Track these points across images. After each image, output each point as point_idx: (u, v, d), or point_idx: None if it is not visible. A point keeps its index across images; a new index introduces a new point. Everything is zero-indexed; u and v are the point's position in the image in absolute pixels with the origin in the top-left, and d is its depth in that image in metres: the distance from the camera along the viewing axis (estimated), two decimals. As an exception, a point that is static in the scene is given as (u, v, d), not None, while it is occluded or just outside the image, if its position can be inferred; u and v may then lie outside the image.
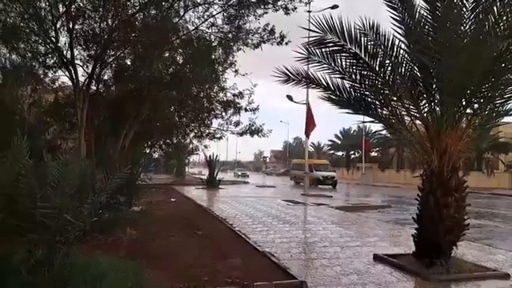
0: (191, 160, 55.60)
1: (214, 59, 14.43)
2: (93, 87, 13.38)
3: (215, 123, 19.65)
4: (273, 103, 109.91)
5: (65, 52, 12.14)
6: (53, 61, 12.79)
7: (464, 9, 5.57)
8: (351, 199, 20.79)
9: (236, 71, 15.67)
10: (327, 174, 33.97)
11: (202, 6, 12.72)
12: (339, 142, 64.16)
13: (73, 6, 11.35)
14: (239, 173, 61.07)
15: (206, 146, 24.20)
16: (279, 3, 12.10)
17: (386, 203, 19.07)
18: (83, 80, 12.71)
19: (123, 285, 3.89)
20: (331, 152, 70.56)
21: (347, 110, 6.75)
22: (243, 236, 8.31)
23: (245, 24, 12.88)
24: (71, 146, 14.22)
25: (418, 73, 6.10)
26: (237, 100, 17.89)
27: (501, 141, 36.26)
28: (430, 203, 5.85)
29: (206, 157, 27.46)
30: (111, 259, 4.62)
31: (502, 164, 39.89)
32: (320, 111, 73.87)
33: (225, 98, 18.00)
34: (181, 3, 12.40)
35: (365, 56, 6.03)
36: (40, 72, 13.42)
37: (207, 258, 6.29)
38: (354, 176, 50.56)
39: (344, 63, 6.22)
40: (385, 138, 44.84)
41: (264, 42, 13.16)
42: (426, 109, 6.13)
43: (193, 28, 13.26)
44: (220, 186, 25.34)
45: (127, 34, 11.97)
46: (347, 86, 6.44)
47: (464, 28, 5.67)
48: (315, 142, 70.95)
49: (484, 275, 5.59)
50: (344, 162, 61.92)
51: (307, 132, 21.80)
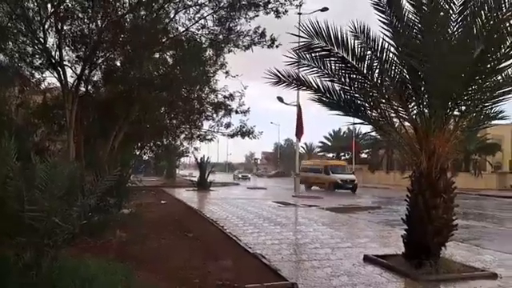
0: (182, 162, 54.99)
1: (205, 60, 14.39)
2: (82, 88, 13.24)
3: (206, 125, 19.58)
4: (264, 105, 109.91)
5: (53, 53, 12.00)
6: (41, 61, 12.62)
7: (451, 11, 5.65)
8: (342, 200, 20.87)
9: (227, 72, 15.66)
10: (347, 177, 30.21)
11: (193, 8, 12.68)
12: (329, 144, 64.48)
13: (61, 7, 11.23)
14: (239, 175, 57.26)
15: (197, 148, 24.08)
16: (270, 6, 12.13)
17: (376, 204, 19.21)
18: (72, 81, 12.58)
19: (113, 288, 3.86)
20: (322, 153, 70.86)
21: (337, 112, 6.80)
22: (234, 238, 8.30)
23: (236, 26, 12.87)
24: (60, 148, 14.04)
25: (407, 75, 6.17)
26: (228, 102, 17.87)
27: (488, 142, 36.83)
28: (419, 204, 5.92)
29: (197, 159, 27.39)
30: (100, 262, 4.59)
31: (490, 165, 40.48)
32: (311, 112, 74.26)
33: (216, 100, 17.96)
34: (171, 5, 12.36)
35: (352, 60, 6.08)
36: (28, 73, 13.23)
37: (198, 260, 6.26)
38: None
39: (333, 67, 6.27)
40: (374, 140, 45.20)
41: (255, 45, 13.17)
42: (415, 111, 6.20)
43: (183, 29, 13.22)
44: (211, 188, 25.27)
45: (117, 35, 11.88)
46: (337, 89, 6.49)
47: (451, 31, 5.75)
48: (307, 144, 71.28)
49: (472, 275, 5.66)
50: (334, 164, 62.08)
51: (298, 134, 21.87)
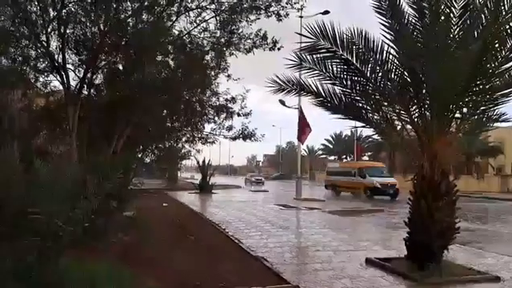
0: (184, 165, 54.81)
1: (207, 64, 14.44)
2: (84, 92, 13.29)
3: (208, 128, 19.63)
4: (266, 107, 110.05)
5: (56, 56, 12.07)
6: (44, 65, 12.68)
7: (451, 15, 5.67)
8: (343, 203, 20.83)
9: (229, 76, 15.69)
10: (387, 181, 24.93)
11: (195, 11, 12.74)
12: (331, 147, 64.50)
13: (64, 11, 11.30)
14: (252, 179, 48.61)
15: (199, 151, 24.13)
16: (271, 9, 12.18)
17: (378, 207, 19.16)
18: (75, 84, 12.64)
19: (115, 291, 3.86)
20: (323, 156, 70.83)
21: (339, 115, 6.80)
22: (236, 241, 8.30)
23: (237, 29, 12.92)
24: (62, 151, 14.08)
25: (408, 78, 6.18)
26: (229, 104, 17.91)
27: (490, 145, 36.73)
28: (422, 207, 5.91)
29: (199, 161, 27.41)
30: (103, 265, 4.59)
31: (492, 168, 40.35)
32: (312, 115, 74.31)
33: (217, 103, 18.02)
34: (173, 8, 12.41)
35: (356, 62, 6.10)
36: (31, 76, 13.29)
37: (200, 263, 6.26)
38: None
39: (335, 69, 6.28)
40: (377, 143, 45.11)
41: (256, 48, 13.21)
42: (417, 114, 6.20)
43: (185, 33, 13.27)
44: (213, 191, 25.26)
45: (119, 39, 11.94)
46: (338, 92, 6.49)
47: (452, 34, 5.76)
48: (308, 146, 71.30)
49: (475, 278, 5.65)
50: (336, 167, 62.04)
51: (300, 137, 21.86)
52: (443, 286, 5.45)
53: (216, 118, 18.60)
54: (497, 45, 5.48)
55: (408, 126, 6.42)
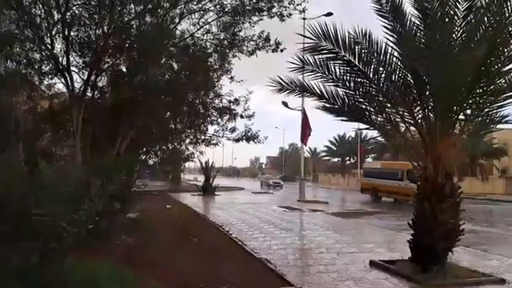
0: (187, 166, 54.73)
1: (210, 66, 14.48)
2: (88, 94, 13.36)
3: (211, 129, 19.67)
4: (269, 109, 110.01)
5: (60, 59, 12.14)
6: (48, 68, 12.77)
7: (455, 17, 5.66)
8: (347, 205, 20.82)
9: (232, 78, 15.73)
10: None
11: (197, 13, 12.79)
12: (335, 149, 64.34)
13: (68, 13, 11.37)
14: (270, 182, 42.95)
15: (202, 153, 24.17)
16: (274, 10, 12.21)
17: (382, 209, 19.10)
18: (79, 87, 12.70)
19: (119, 292, 3.87)
20: (327, 158, 70.70)
21: (342, 118, 6.79)
22: (240, 243, 8.29)
23: (240, 31, 12.96)
24: (66, 153, 14.14)
25: (411, 80, 6.17)
26: (232, 106, 17.95)
27: (494, 146, 36.55)
28: (426, 209, 5.88)
29: (202, 163, 27.42)
30: (106, 266, 4.60)
31: (496, 169, 40.14)
32: (316, 117, 73.99)
33: (220, 105, 18.05)
34: (176, 10, 12.47)
35: (359, 63, 6.09)
36: (35, 79, 13.38)
37: (203, 265, 6.27)
38: (350, 182, 50.61)
39: (338, 71, 6.28)
40: (380, 145, 44.96)
41: (259, 49, 13.24)
42: (420, 115, 6.18)
43: (188, 35, 13.32)
44: (216, 193, 25.28)
45: (123, 41, 11.99)
46: (341, 94, 6.48)
47: (455, 36, 5.75)
48: (311, 148, 71.13)
49: (479, 280, 5.62)
50: (339, 169, 62.04)
51: (303, 139, 21.85)
52: (447, 289, 5.43)
53: (219, 120, 18.67)
54: (500, 46, 5.46)
55: (412, 128, 6.40)
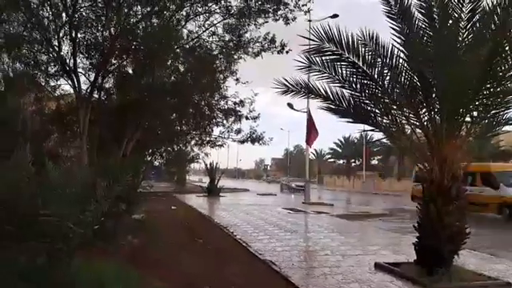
0: (192, 168, 54.75)
1: (215, 67, 14.54)
2: (95, 95, 13.47)
3: (216, 131, 19.74)
4: (274, 111, 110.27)
5: (67, 60, 12.26)
6: (55, 69, 12.91)
7: (460, 19, 5.64)
8: (352, 207, 20.76)
9: (237, 79, 15.79)
10: None
11: (203, 16, 12.86)
12: (340, 150, 64.19)
13: (75, 15, 11.48)
14: (292, 185, 37.74)
15: (207, 154, 24.29)
16: (279, 13, 12.24)
17: (387, 211, 19.02)
18: (85, 88, 12.81)
19: (124, 293, 3.90)
20: (332, 160, 70.55)
21: (347, 119, 6.78)
22: (244, 244, 8.30)
23: (245, 33, 13.01)
24: (73, 154, 14.25)
25: (418, 82, 6.14)
26: (238, 108, 18.00)
27: (501, 149, 36.27)
28: (431, 211, 5.85)
29: (207, 165, 27.51)
30: (112, 267, 4.63)
31: (504, 172, 39.74)
32: (321, 118, 73.78)
33: (226, 106, 18.11)
34: (182, 12, 12.54)
35: (363, 65, 6.08)
36: (42, 80, 13.52)
37: (208, 266, 6.28)
38: (355, 184, 50.50)
39: (344, 72, 6.27)
40: (386, 147, 44.81)
41: (264, 51, 13.29)
42: (426, 117, 6.15)
43: (194, 37, 13.39)
44: (221, 194, 25.33)
45: (129, 43, 12.09)
46: (347, 95, 6.47)
47: (461, 37, 5.73)
48: (317, 150, 71.04)
49: (485, 284, 5.57)
50: (345, 171, 61.90)
51: (308, 141, 21.81)
52: (453, 292, 5.39)
53: (224, 122, 18.75)
54: (507, 47, 5.43)
55: (417, 130, 6.38)
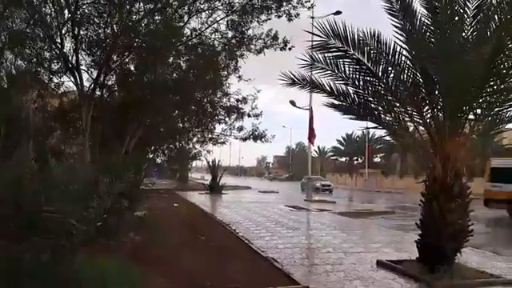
0: (194, 165, 54.76)
1: (218, 64, 14.52)
2: (97, 92, 13.47)
3: (218, 128, 19.73)
4: (276, 108, 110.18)
5: (70, 57, 12.26)
6: (58, 66, 12.92)
7: (465, 15, 5.61)
8: (354, 205, 20.76)
9: (240, 77, 15.75)
10: None
11: (206, 12, 12.83)
12: (342, 148, 64.10)
13: (78, 12, 11.48)
14: (317, 184, 31.30)
15: (209, 151, 24.29)
16: (282, 9, 12.19)
17: (390, 209, 18.99)
18: (88, 85, 12.82)
19: (127, 289, 3.91)
20: (334, 158, 70.47)
21: (350, 116, 6.77)
22: (246, 241, 8.31)
23: (248, 30, 12.97)
24: (76, 151, 14.29)
25: (421, 79, 6.12)
26: (240, 105, 17.99)
27: (505, 147, 36.13)
28: (434, 209, 5.84)
29: (209, 162, 27.52)
30: (114, 264, 4.64)
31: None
32: (324, 116, 73.85)
33: (228, 104, 18.09)
34: (185, 9, 12.51)
35: (368, 62, 6.06)
36: (45, 77, 13.53)
37: (210, 263, 6.29)
38: (358, 182, 50.44)
39: (347, 69, 6.25)
40: (388, 144, 44.70)
41: (267, 48, 13.24)
42: (429, 115, 6.14)
43: (197, 34, 13.36)
44: (223, 192, 25.36)
45: (132, 40, 12.08)
46: (351, 92, 6.46)
47: (465, 34, 5.70)
48: (319, 147, 70.93)
49: (487, 281, 5.56)
50: (347, 168, 61.83)
51: (310, 138, 21.83)
52: (455, 289, 5.39)
53: (227, 119, 18.73)
54: (510, 45, 5.40)
55: (420, 128, 6.36)
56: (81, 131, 12.50)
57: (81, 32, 11.99)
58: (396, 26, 6.05)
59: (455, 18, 5.67)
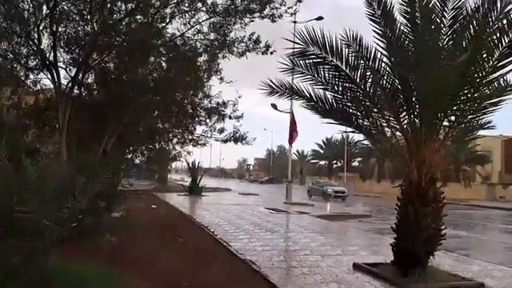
0: (174, 166, 54.24)
1: (199, 66, 14.45)
2: (75, 91, 13.20)
3: (199, 130, 19.60)
4: (258, 111, 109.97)
5: (47, 54, 11.98)
6: (35, 63, 12.59)
7: (442, 25, 5.78)
8: (333, 208, 20.96)
9: (221, 79, 15.70)
10: None
11: (189, 13, 12.74)
12: (322, 152, 64.76)
13: (57, 9, 11.23)
14: (329, 190, 28.46)
15: (189, 153, 24.10)
16: (265, 12, 12.24)
17: (367, 212, 19.29)
18: (66, 83, 12.55)
19: (102, 292, 3.85)
20: (314, 161, 71.10)
21: (330, 120, 6.86)
22: (225, 244, 8.29)
23: (231, 32, 12.96)
24: (51, 150, 13.95)
25: (399, 85, 6.26)
26: (221, 107, 17.93)
27: (478, 153, 37.27)
28: (409, 213, 5.97)
29: (189, 163, 27.31)
30: (91, 266, 4.56)
31: (479, 176, 40.89)
32: (304, 119, 74.19)
33: (209, 105, 18.01)
34: (167, 10, 12.41)
35: (346, 68, 6.16)
36: (21, 74, 13.17)
37: (188, 265, 6.25)
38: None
39: (326, 75, 6.34)
40: (367, 149, 45.40)
41: (249, 51, 13.25)
42: (406, 121, 6.28)
43: (179, 34, 13.27)
44: (203, 194, 25.20)
45: (112, 39, 11.90)
46: (329, 97, 6.55)
47: (441, 44, 5.88)
48: (299, 151, 71.47)
49: (459, 284, 5.72)
50: (326, 172, 62.44)
51: (290, 140, 22.01)
52: (428, 292, 5.52)
53: (207, 120, 18.61)
54: (484, 55, 5.59)
55: (397, 133, 6.49)
56: (57, 130, 12.22)
57: (59, 29, 11.73)
58: (377, 33, 6.17)
59: (432, 27, 5.83)
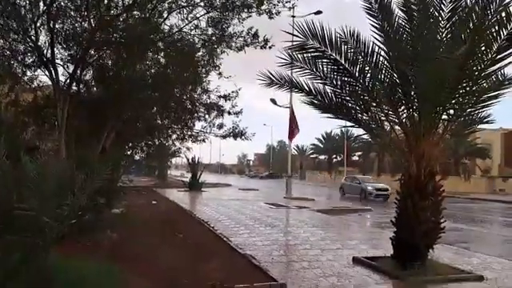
0: (174, 162, 54.30)
1: (197, 61, 14.41)
2: (74, 87, 13.17)
3: (198, 125, 19.58)
4: (257, 106, 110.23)
5: (45, 51, 11.93)
6: (32, 60, 12.54)
7: (440, 18, 5.76)
8: (333, 202, 21.00)
9: (220, 73, 15.65)
10: None
11: (186, 8, 12.68)
12: (321, 146, 64.74)
13: (54, 5, 11.18)
14: (369, 187, 24.26)
15: (189, 149, 24.09)
16: (263, 7, 12.18)
17: (367, 206, 19.32)
18: (64, 80, 12.52)
19: (103, 288, 3.86)
20: (314, 156, 71.15)
21: (329, 115, 6.86)
22: (225, 239, 8.31)
23: (229, 27, 12.91)
24: (50, 147, 13.94)
25: (397, 79, 6.25)
26: (220, 103, 17.90)
27: (478, 146, 37.31)
28: (408, 207, 5.99)
29: (188, 159, 27.34)
30: (91, 262, 4.58)
31: (479, 169, 40.96)
32: (303, 114, 74.31)
33: (208, 101, 17.97)
34: (165, 5, 12.35)
35: (345, 62, 6.15)
36: (19, 71, 13.13)
37: (188, 261, 6.27)
38: (336, 180, 51.03)
39: (325, 69, 6.33)
40: (366, 143, 45.44)
41: (248, 46, 13.19)
42: (405, 115, 6.28)
43: (176, 30, 13.21)
44: (202, 189, 25.24)
45: (109, 35, 11.85)
46: (329, 92, 6.54)
47: (440, 37, 5.86)
48: (299, 145, 71.50)
49: (459, 277, 5.75)
50: (326, 166, 62.49)
51: (290, 135, 22.00)
52: (427, 285, 5.55)
53: (207, 116, 18.58)
54: (483, 48, 5.57)
55: (396, 127, 6.50)
56: (56, 127, 12.20)
57: (56, 25, 11.68)
58: (375, 27, 6.16)
59: (430, 21, 5.81)
